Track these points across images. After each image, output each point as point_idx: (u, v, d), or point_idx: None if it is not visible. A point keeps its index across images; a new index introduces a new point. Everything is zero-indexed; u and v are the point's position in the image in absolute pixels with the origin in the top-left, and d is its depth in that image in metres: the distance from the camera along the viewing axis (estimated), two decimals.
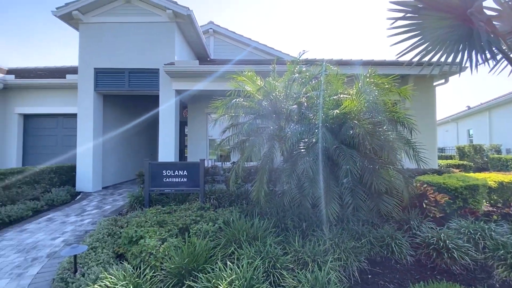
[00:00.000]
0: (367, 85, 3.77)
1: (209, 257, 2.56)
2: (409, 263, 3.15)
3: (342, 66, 7.04)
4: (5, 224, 4.52)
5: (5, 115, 8.48)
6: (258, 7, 44.81)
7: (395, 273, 3.00)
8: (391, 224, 3.73)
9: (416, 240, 3.37)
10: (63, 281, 2.47)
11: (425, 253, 3.20)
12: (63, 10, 6.91)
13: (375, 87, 3.72)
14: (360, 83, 3.90)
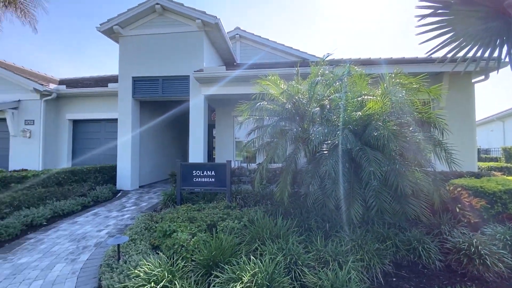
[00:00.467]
0: (392, 86, 3.71)
1: (234, 252, 2.75)
2: (437, 268, 3.05)
3: (368, 66, 6.92)
4: (60, 217, 5.18)
5: (58, 121, 9.59)
6: (282, 9, 44.87)
7: (421, 278, 2.93)
8: (420, 228, 3.63)
9: (446, 245, 3.25)
10: (109, 266, 2.83)
11: (455, 259, 3.08)
12: (106, 26, 7.68)
13: (401, 87, 3.64)
14: (385, 84, 3.85)
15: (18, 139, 9.18)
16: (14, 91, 9.28)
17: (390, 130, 3.11)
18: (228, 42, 8.83)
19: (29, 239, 4.03)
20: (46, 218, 4.85)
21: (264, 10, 47.14)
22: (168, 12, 7.79)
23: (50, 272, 3.02)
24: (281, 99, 4.43)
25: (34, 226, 4.58)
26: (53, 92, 9.08)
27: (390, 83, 3.75)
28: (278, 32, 53.09)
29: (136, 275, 2.33)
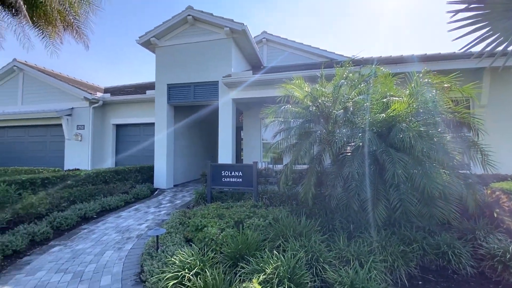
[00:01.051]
0: (420, 86, 3.63)
1: (259, 247, 2.96)
2: (469, 274, 2.95)
3: (398, 64, 6.72)
4: (107, 211, 5.84)
5: (103, 125, 10.69)
6: (310, 8, 44.18)
7: (450, 283, 2.86)
8: (452, 233, 3.50)
9: (480, 251, 3.11)
10: (149, 255, 3.21)
11: (489, 266, 2.95)
12: (144, 38, 8.42)
13: (430, 87, 3.55)
14: (413, 84, 3.78)
15: (71, 142, 10.41)
16: (68, 100, 10.56)
17: (416, 131, 3.07)
18: (254, 46, 9.10)
19: (83, 229, 4.65)
20: (96, 212, 5.52)
21: (292, 10, 46.89)
22: (198, 22, 8.30)
23: (101, 257, 3.51)
24: (306, 102, 4.54)
25: (86, 218, 5.24)
26: (99, 100, 10.15)
27: (418, 83, 3.67)
28: (305, 33, 52.34)
29: (172, 262, 2.64)
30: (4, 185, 4.84)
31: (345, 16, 49.11)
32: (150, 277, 2.68)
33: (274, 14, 48.68)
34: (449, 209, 3.06)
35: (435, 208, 3.03)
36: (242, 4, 46.66)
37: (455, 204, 3.09)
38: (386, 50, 67.85)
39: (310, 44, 11.08)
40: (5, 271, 3.15)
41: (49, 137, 11.28)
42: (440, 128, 3.24)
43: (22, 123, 11.29)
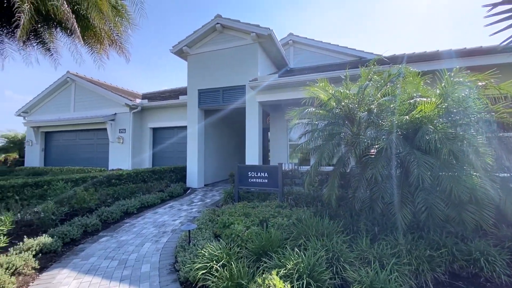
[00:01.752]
0: (451, 86, 3.50)
1: (281, 244, 3.12)
2: (504, 283, 2.79)
3: (428, 62, 6.41)
4: (145, 208, 6.41)
5: (142, 129, 11.63)
6: (339, 6, 42.72)
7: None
8: (488, 240, 3.32)
9: None
10: (182, 247, 3.55)
11: None
12: (176, 48, 9.05)
13: (462, 86, 3.41)
14: (443, 83, 3.65)
15: (114, 145, 11.50)
16: (111, 106, 11.68)
17: (443, 133, 2.99)
18: (280, 49, 9.24)
19: (126, 223, 5.20)
20: (136, 208, 6.11)
21: (320, 8, 45.84)
22: (226, 29, 8.69)
23: (141, 248, 3.94)
24: (331, 104, 4.58)
25: (128, 213, 5.84)
26: (138, 105, 11.08)
27: (449, 82, 3.54)
28: (335, 31, 50.67)
29: (202, 254, 2.92)
30: (62, 182, 5.61)
31: (376, 12, 46.77)
32: (183, 266, 2.99)
33: (301, 14, 48.10)
34: (481, 214, 2.92)
35: (464, 213, 2.92)
36: (266, 7, 46.91)
37: (489, 209, 2.94)
38: (421, 45, 63.20)
39: (338, 44, 10.91)
40: (64, 256, 3.70)
41: (96, 140, 12.58)
42: (473, 129, 3.10)
43: (74, 127, 12.75)
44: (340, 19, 55.11)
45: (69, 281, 3.02)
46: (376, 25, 59.45)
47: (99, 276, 3.13)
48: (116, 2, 4.80)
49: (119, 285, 2.91)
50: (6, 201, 5.05)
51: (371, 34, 63.56)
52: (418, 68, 6.41)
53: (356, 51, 10.72)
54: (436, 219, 3.01)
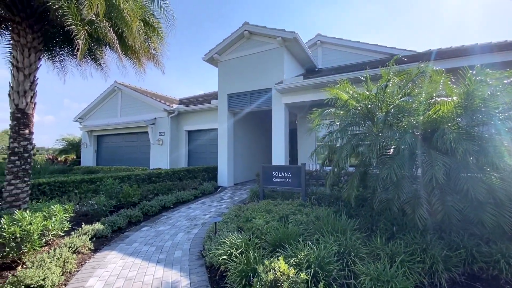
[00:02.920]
0: (475, 85, 3.39)
1: (296, 238, 3.34)
2: None
3: (453, 59, 6.07)
4: (180, 203, 7.05)
5: (178, 131, 12.59)
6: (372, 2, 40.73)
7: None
8: None
9: None
10: (209, 237, 3.97)
11: None
12: (208, 56, 9.70)
13: (486, 85, 3.30)
14: (466, 81, 3.55)
15: (155, 146, 12.63)
16: (152, 111, 12.84)
17: (457, 133, 2.96)
18: (307, 51, 9.35)
19: (163, 216, 5.84)
20: (172, 203, 6.76)
21: (347, 7, 44.25)
22: (253, 35, 9.09)
23: (175, 237, 4.46)
24: (351, 104, 4.65)
25: (165, 207, 6.51)
26: (175, 110, 12.04)
27: (472, 81, 3.43)
28: (372, 26, 48.32)
29: (224, 243, 3.29)
30: (111, 179, 6.48)
31: (414, 5, 43.58)
32: (208, 253, 3.40)
33: (332, 9, 46.81)
34: (502, 215, 2.83)
35: (484, 214, 2.85)
36: (295, 7, 46.55)
37: (510, 210, 2.83)
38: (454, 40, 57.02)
39: (367, 42, 10.63)
40: (113, 241, 4.37)
41: (139, 142, 13.92)
42: (494, 128, 3.00)
43: (120, 131, 14.26)
44: (376, 14, 52.38)
45: (117, 260, 3.61)
46: (414, 19, 55.20)
47: (140, 258, 3.68)
48: (153, 22, 5.46)
49: (155, 266, 3.41)
50: (68, 194, 6.02)
51: (411, 28, 59.20)
52: (450, 65, 6.12)
53: (387, 48, 10.34)
54: (453, 219, 2.97)
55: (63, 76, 7.00)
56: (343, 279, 2.65)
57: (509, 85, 3.33)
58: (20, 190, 4.56)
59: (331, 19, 43.44)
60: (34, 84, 4.85)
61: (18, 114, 4.63)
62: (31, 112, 4.80)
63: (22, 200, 4.58)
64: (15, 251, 3.20)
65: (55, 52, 6.42)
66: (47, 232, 3.56)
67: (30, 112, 4.79)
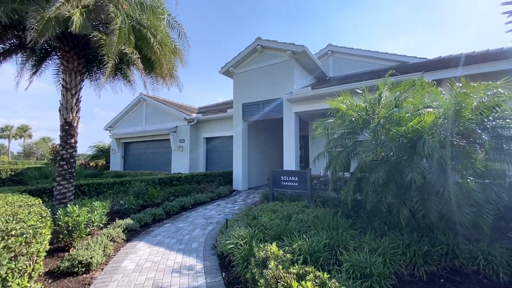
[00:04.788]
0: (460, 96, 3.76)
1: (294, 233, 3.86)
2: (502, 281, 2.99)
3: (445, 70, 6.30)
4: (198, 204, 7.76)
5: (197, 138, 13.49)
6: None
7: (475, 285, 3.00)
8: (502, 242, 3.45)
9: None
10: (221, 232, 4.59)
11: None
12: (224, 69, 10.51)
13: (466, 97, 3.66)
14: (452, 92, 3.92)
15: (176, 152, 13.60)
16: (173, 120, 13.88)
17: (439, 141, 3.36)
18: (316, 62, 9.85)
19: (183, 215, 6.56)
20: (191, 204, 7.49)
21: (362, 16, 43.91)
22: (265, 49, 9.77)
23: (193, 232, 5.13)
24: (350, 113, 5.10)
25: (184, 208, 7.24)
26: (194, 119, 12.96)
27: (457, 93, 3.80)
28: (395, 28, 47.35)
29: (232, 236, 3.89)
30: (138, 182, 7.35)
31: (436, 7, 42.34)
32: (219, 244, 4.01)
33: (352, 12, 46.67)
34: (480, 215, 3.17)
35: (461, 214, 3.21)
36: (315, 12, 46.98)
37: (488, 211, 3.17)
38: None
39: (378, 50, 10.93)
40: (141, 234, 5.12)
41: (161, 148, 15.01)
42: (473, 137, 3.35)
43: (145, 138, 15.45)
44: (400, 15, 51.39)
45: (145, 249, 4.32)
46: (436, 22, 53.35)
47: (163, 247, 4.37)
48: (175, 47, 6.34)
49: (176, 254, 4.07)
50: (103, 194, 6.94)
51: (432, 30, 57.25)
52: (450, 74, 6.37)
53: (397, 56, 10.57)
54: (432, 218, 3.35)
55: (98, 92, 8.06)
56: (329, 266, 3.14)
57: (491, 97, 3.68)
58: (66, 190, 5.47)
59: (355, 23, 43.13)
60: (78, 101, 5.81)
61: (66, 126, 5.58)
62: (76, 124, 5.76)
63: (68, 198, 5.48)
64: (67, 237, 4.01)
65: (92, 72, 7.47)
66: (90, 223, 4.36)
67: (75, 125, 5.74)
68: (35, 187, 5.72)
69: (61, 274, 3.36)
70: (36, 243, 2.55)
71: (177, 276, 3.36)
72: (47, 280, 3.23)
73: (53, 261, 3.70)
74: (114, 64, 5.31)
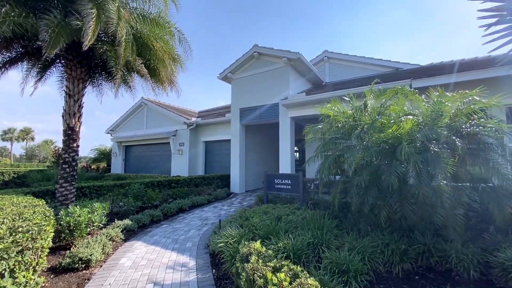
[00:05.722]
0: (437, 104, 4.01)
1: (282, 232, 4.09)
2: (472, 278, 3.21)
3: (433, 77, 6.54)
4: (195, 206, 8.00)
5: (196, 142, 13.76)
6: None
7: (447, 282, 3.21)
8: (476, 243, 3.66)
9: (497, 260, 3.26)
10: (214, 232, 4.82)
11: (498, 274, 3.11)
12: (222, 74, 10.82)
13: (442, 106, 3.91)
14: (428, 101, 4.18)
15: (175, 156, 13.87)
16: (173, 124, 14.17)
17: (416, 148, 3.60)
18: (311, 68, 10.14)
19: (180, 216, 6.80)
20: (188, 206, 7.73)
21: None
22: (262, 56, 10.07)
23: (188, 233, 5.37)
24: (339, 119, 5.35)
25: (182, 209, 7.48)
26: (194, 123, 13.25)
27: (435, 101, 4.05)
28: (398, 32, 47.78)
29: (224, 235, 4.12)
30: (138, 185, 7.61)
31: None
32: (211, 243, 4.24)
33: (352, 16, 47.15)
34: (453, 216, 3.40)
35: (434, 215, 3.44)
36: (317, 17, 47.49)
37: (460, 213, 3.40)
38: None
39: (372, 57, 11.22)
40: (138, 234, 5.36)
41: (162, 151, 15.29)
42: (442, 144, 3.60)
43: (146, 142, 15.75)
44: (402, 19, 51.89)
45: (142, 248, 4.57)
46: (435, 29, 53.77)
47: (159, 246, 4.61)
48: (174, 55, 6.64)
49: (171, 252, 4.31)
50: (103, 196, 7.20)
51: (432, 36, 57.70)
52: (440, 81, 6.61)
53: (391, 62, 10.84)
54: (409, 219, 3.58)
55: (100, 97, 8.37)
56: (311, 263, 3.36)
57: (467, 105, 3.93)
58: (68, 192, 5.74)
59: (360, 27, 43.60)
60: (81, 107, 6.10)
61: (69, 131, 5.87)
62: (78, 129, 6.04)
63: (70, 199, 5.74)
64: (69, 236, 4.26)
65: (95, 79, 7.78)
66: (91, 223, 4.61)
67: (77, 130, 6.02)
68: (38, 189, 5.99)
69: (62, 270, 3.61)
70: (41, 239, 2.81)
71: (170, 272, 3.60)
72: (50, 275, 3.47)
73: (55, 259, 3.95)
74: (119, 81, 5.66)
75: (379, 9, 39.55)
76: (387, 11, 38.42)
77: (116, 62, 5.14)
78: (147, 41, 6.06)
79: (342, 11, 41.68)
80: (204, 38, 53.61)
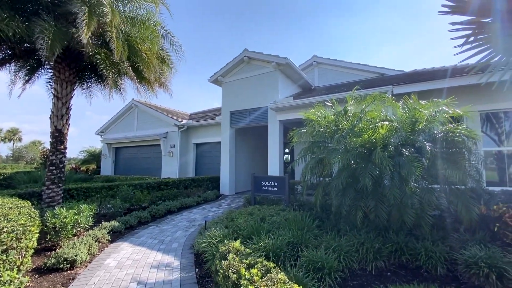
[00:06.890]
0: (412, 111, 4.26)
1: (263, 232, 4.25)
2: (440, 274, 3.44)
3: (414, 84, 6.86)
4: (183, 208, 8.08)
5: (187, 144, 13.82)
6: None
7: (416, 277, 3.43)
8: (446, 242, 3.90)
9: (456, 257, 3.50)
10: (200, 233, 4.95)
11: (463, 270, 3.34)
12: (213, 78, 10.97)
13: (416, 113, 4.16)
14: (406, 107, 4.42)
15: (166, 158, 13.89)
16: (164, 126, 14.20)
17: (389, 152, 3.83)
18: (300, 73, 10.39)
19: (168, 218, 6.88)
20: (176, 207, 7.81)
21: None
22: (252, 60, 10.27)
23: (175, 234, 5.47)
24: (322, 123, 5.56)
25: (170, 211, 7.55)
26: (185, 125, 13.32)
27: (410, 108, 4.30)
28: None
29: (208, 236, 4.25)
30: (126, 186, 7.65)
31: None
32: (196, 244, 4.37)
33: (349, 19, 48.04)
34: (423, 216, 3.63)
35: (405, 215, 3.66)
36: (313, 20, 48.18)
37: (429, 214, 3.63)
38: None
39: (359, 62, 11.58)
40: (125, 235, 5.43)
41: (152, 153, 15.26)
42: (416, 147, 3.83)
43: (136, 144, 15.70)
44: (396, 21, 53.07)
45: (128, 248, 4.65)
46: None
47: (145, 247, 4.70)
48: (163, 57, 6.75)
49: (156, 253, 4.41)
50: (91, 198, 7.21)
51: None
52: (420, 88, 6.92)
53: (377, 68, 11.20)
54: (382, 219, 3.79)
55: (89, 99, 8.38)
56: (290, 261, 3.53)
57: (440, 113, 4.18)
58: (55, 193, 5.76)
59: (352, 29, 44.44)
60: (69, 109, 6.14)
61: (56, 133, 5.90)
62: (65, 131, 6.08)
63: (57, 201, 5.76)
64: (55, 237, 4.31)
65: (84, 81, 7.80)
66: (77, 225, 4.67)
67: (65, 132, 6.06)
68: (25, 191, 5.99)
69: (47, 270, 3.67)
70: (26, 239, 2.89)
71: (154, 271, 3.71)
72: (34, 276, 3.53)
73: (40, 259, 4.00)
74: (111, 83, 5.74)
75: (374, 13, 40.49)
76: (382, 16, 39.48)
77: (106, 64, 5.23)
78: (133, 43, 6.14)
79: (336, 16, 42.62)
80: (202, 39, 54.07)
